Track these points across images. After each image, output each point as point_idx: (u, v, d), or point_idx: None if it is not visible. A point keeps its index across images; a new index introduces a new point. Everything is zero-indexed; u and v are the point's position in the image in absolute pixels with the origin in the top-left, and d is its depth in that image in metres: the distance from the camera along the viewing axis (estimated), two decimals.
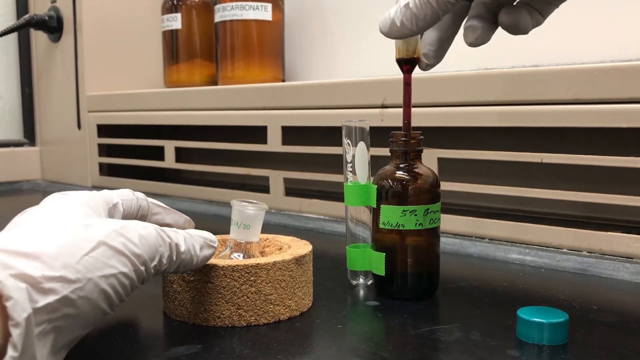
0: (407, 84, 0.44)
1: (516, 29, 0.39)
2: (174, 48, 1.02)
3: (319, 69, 1.01)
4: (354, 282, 0.49)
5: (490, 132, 0.64)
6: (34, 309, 0.26)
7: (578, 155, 0.55)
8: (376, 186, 0.46)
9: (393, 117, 0.66)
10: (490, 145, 0.64)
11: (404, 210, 0.44)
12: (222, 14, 0.94)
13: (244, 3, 0.92)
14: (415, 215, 0.44)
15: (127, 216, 0.41)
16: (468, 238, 0.62)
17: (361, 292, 0.48)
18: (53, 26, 1.11)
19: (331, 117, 0.73)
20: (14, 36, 1.21)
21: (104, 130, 1.07)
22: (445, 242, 0.61)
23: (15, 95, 1.24)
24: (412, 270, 0.46)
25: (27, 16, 1.09)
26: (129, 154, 1.03)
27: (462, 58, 0.57)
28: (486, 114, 0.60)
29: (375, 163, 0.49)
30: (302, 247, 0.44)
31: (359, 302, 0.46)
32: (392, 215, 0.44)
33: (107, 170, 1.08)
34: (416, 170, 0.46)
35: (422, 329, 0.39)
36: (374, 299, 0.46)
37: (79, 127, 1.10)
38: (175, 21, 1.01)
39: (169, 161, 0.96)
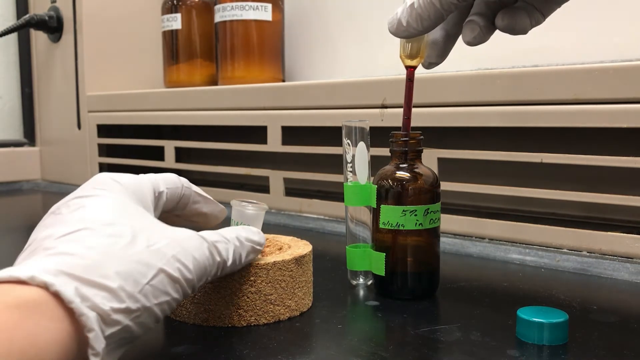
0: (410, 79, 0.44)
1: (513, 32, 0.39)
2: (174, 48, 1.02)
3: (319, 69, 1.01)
4: (354, 282, 0.49)
5: (491, 132, 0.64)
6: None
7: (578, 155, 0.55)
8: (376, 186, 0.46)
9: (393, 117, 0.66)
10: (490, 145, 0.64)
11: (404, 210, 0.44)
12: (222, 14, 0.94)
13: (243, 3, 0.92)
14: (415, 215, 0.44)
15: (169, 203, 0.41)
16: (468, 238, 0.62)
17: (361, 292, 0.48)
18: (53, 26, 1.11)
19: (331, 117, 0.73)
20: (14, 36, 1.21)
21: (104, 130, 1.07)
22: (445, 242, 0.61)
23: (15, 95, 1.24)
24: (412, 270, 0.46)
25: (27, 16, 1.09)
26: (129, 154, 1.03)
27: (462, 58, 0.57)
28: (486, 114, 0.60)
29: (375, 163, 0.49)
30: (302, 247, 0.44)
31: (359, 302, 0.46)
32: (392, 215, 0.44)
33: (107, 170, 1.08)
34: (416, 170, 0.46)
35: (422, 329, 0.39)
36: (374, 299, 0.46)
37: (79, 127, 1.10)
38: (175, 21, 1.01)
39: (169, 161, 0.96)
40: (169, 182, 0.41)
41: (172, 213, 0.43)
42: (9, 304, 0.25)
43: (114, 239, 0.31)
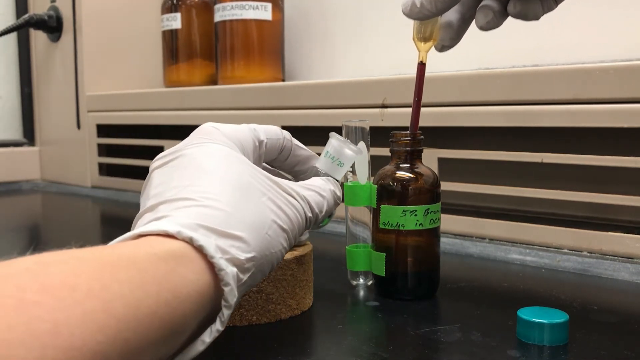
0: (422, 63, 0.44)
1: (525, 18, 0.39)
2: (174, 48, 1.02)
3: (319, 69, 1.01)
4: (354, 283, 0.49)
5: (491, 132, 0.64)
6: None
7: (578, 155, 0.55)
8: (376, 186, 0.46)
9: (393, 117, 0.66)
10: (490, 145, 0.64)
11: (404, 210, 0.44)
12: (222, 13, 0.94)
13: (243, 3, 0.92)
14: (416, 215, 0.44)
15: (270, 153, 0.41)
16: (468, 238, 0.62)
17: (361, 293, 0.48)
18: (52, 26, 1.10)
19: (331, 117, 0.73)
20: (13, 36, 1.21)
21: (103, 130, 1.07)
22: (445, 242, 0.61)
23: (15, 95, 1.24)
24: (412, 270, 0.46)
25: (26, 16, 1.09)
26: (128, 154, 1.03)
27: (462, 58, 0.57)
28: (486, 113, 0.60)
29: (375, 163, 0.49)
30: (302, 247, 0.44)
31: (359, 303, 0.46)
32: (392, 215, 0.44)
33: (107, 170, 1.08)
34: (416, 170, 0.46)
35: (422, 329, 0.39)
36: (374, 299, 0.46)
37: (79, 127, 1.10)
38: (175, 21, 1.01)
39: None
40: (270, 133, 0.41)
41: (273, 164, 0.43)
42: (160, 257, 0.27)
43: (235, 190, 0.32)
